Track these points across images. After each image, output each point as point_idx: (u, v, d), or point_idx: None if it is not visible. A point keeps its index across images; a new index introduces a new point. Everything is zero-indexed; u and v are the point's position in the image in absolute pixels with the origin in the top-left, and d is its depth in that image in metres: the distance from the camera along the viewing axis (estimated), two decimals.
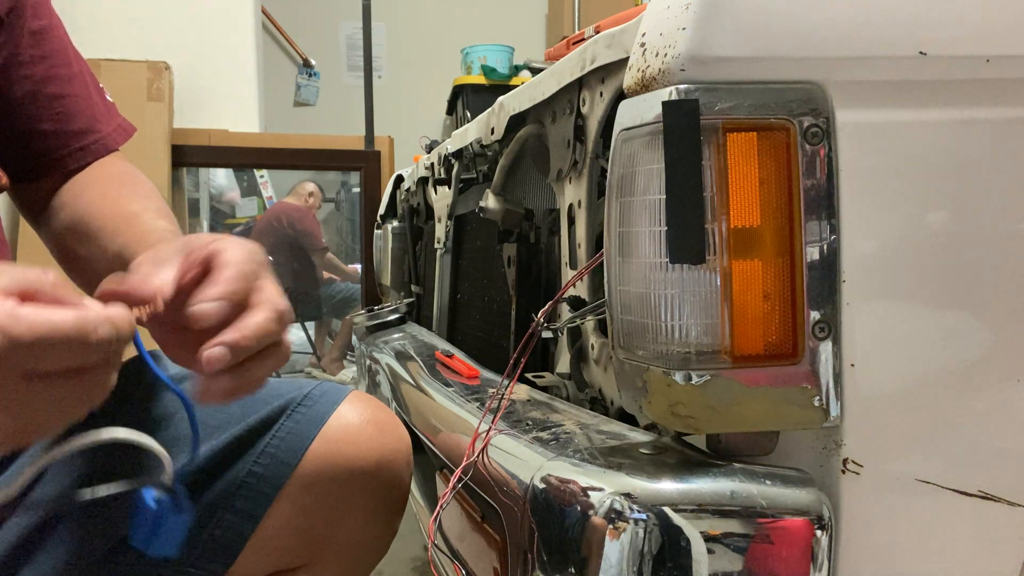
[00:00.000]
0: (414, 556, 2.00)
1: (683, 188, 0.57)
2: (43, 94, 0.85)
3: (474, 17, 4.89)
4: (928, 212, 0.61)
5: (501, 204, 1.12)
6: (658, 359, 0.60)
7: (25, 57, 0.84)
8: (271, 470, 0.78)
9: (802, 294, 0.59)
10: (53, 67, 0.86)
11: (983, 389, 0.63)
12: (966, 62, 0.61)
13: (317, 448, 0.78)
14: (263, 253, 0.62)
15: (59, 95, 0.86)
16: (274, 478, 0.78)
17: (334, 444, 0.79)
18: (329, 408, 0.81)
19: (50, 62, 0.86)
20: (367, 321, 1.81)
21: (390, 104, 4.44)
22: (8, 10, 0.83)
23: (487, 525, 0.79)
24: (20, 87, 0.84)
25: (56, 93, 0.86)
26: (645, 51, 0.61)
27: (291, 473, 0.78)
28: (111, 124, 0.91)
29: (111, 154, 0.91)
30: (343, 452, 0.79)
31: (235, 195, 5.31)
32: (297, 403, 0.81)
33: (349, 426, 0.80)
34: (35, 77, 0.84)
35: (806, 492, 0.59)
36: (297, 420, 0.80)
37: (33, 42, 0.85)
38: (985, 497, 0.63)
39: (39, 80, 0.85)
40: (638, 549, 0.57)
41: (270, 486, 0.78)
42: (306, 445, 0.78)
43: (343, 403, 0.82)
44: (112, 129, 0.91)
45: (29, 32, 0.84)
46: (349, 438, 0.80)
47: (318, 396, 0.82)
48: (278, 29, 4.76)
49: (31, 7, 0.85)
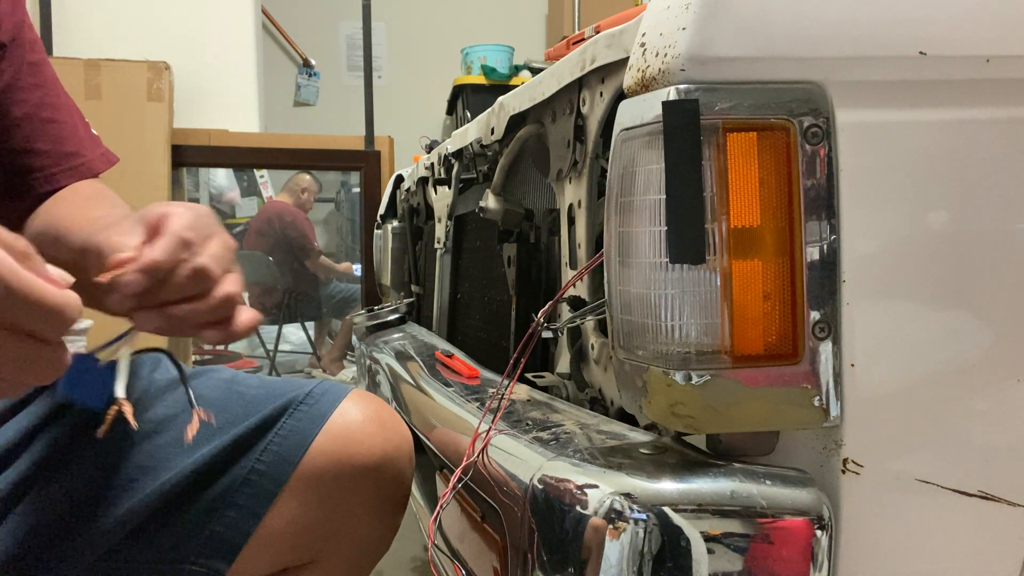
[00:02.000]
0: (414, 556, 2.00)
1: (683, 188, 0.56)
2: (39, 117, 0.90)
3: (474, 17, 4.89)
4: (928, 212, 0.61)
5: (501, 204, 1.12)
6: (658, 359, 0.60)
7: (24, 83, 0.89)
8: (273, 467, 0.79)
9: (802, 294, 0.59)
10: (47, 95, 0.92)
11: (983, 389, 0.63)
12: (966, 62, 0.61)
13: (320, 445, 0.79)
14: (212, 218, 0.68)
15: (52, 119, 0.92)
16: (276, 475, 0.79)
17: (337, 441, 0.80)
18: (331, 406, 0.82)
19: (44, 91, 0.92)
20: (367, 321, 1.81)
21: (390, 104, 4.43)
22: (11, 38, 0.88)
23: (487, 525, 0.79)
24: (19, 108, 0.89)
25: (49, 117, 0.91)
26: (645, 51, 0.61)
27: (293, 470, 0.79)
28: (96, 152, 0.97)
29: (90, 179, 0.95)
30: (346, 449, 0.80)
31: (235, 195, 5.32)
32: (299, 402, 0.82)
33: (352, 423, 0.81)
34: (32, 101, 0.90)
35: (806, 492, 0.59)
36: (299, 418, 0.81)
37: (30, 72, 0.90)
38: (985, 497, 0.63)
39: (35, 104, 0.90)
40: (638, 549, 0.57)
41: (273, 483, 0.79)
42: (308, 442, 0.79)
43: (345, 401, 0.83)
44: (97, 156, 0.96)
45: (27, 63, 0.90)
46: (352, 435, 0.81)
47: (320, 394, 0.83)
48: (278, 29, 4.76)
49: (29, 42, 0.91)
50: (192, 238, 0.63)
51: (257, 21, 3.61)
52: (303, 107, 4.88)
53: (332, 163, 3.56)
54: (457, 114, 4.25)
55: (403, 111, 4.59)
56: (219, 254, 0.65)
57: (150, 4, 3.29)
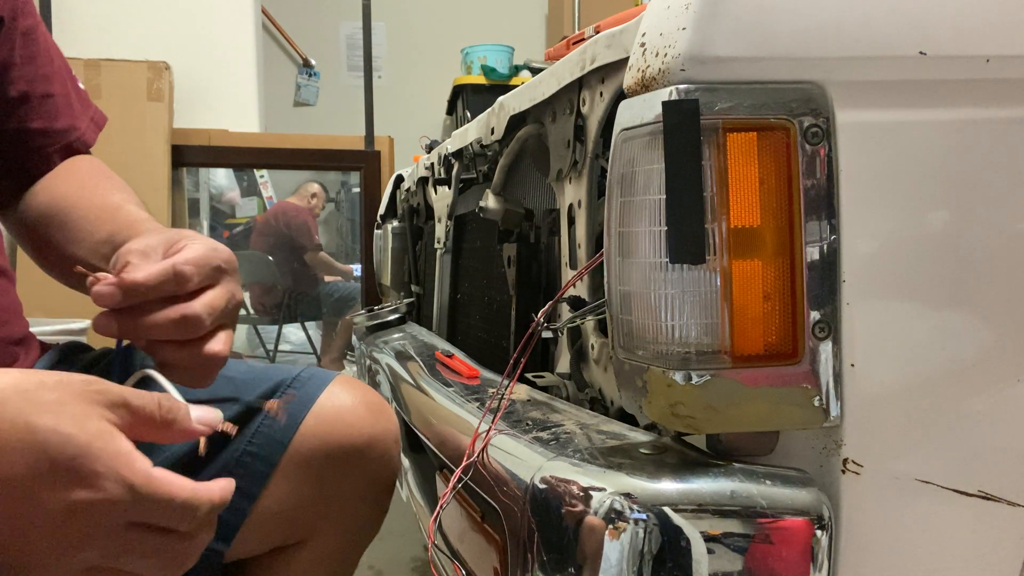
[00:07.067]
0: (414, 556, 2.00)
1: (683, 188, 0.56)
2: (34, 95, 0.88)
3: (474, 17, 4.89)
4: (928, 212, 0.61)
5: (501, 204, 1.12)
6: (658, 359, 0.60)
7: (17, 59, 0.86)
8: (265, 449, 0.81)
9: (802, 294, 0.59)
10: (40, 67, 0.89)
11: (983, 389, 0.63)
12: (966, 62, 0.61)
13: (311, 427, 0.81)
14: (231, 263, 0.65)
15: (47, 94, 0.89)
16: (268, 456, 0.81)
17: (328, 424, 0.82)
18: (317, 389, 0.84)
19: (37, 62, 0.88)
20: (367, 321, 1.81)
21: (390, 104, 4.43)
22: (10, 10, 0.85)
23: (487, 525, 0.79)
24: (14, 88, 0.86)
25: (44, 92, 0.89)
26: (645, 51, 0.61)
27: (284, 451, 0.81)
28: (86, 118, 0.94)
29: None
30: (337, 431, 0.82)
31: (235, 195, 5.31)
32: (287, 385, 0.84)
33: (342, 407, 0.83)
34: (27, 77, 0.87)
35: (806, 492, 0.59)
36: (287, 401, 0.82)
37: (23, 43, 0.87)
38: (985, 497, 0.63)
39: (30, 80, 0.87)
40: (638, 549, 0.57)
41: (265, 464, 0.81)
42: (298, 424, 0.81)
43: (334, 384, 0.85)
44: (88, 124, 0.94)
45: (20, 33, 0.87)
46: (342, 418, 0.82)
47: (307, 378, 0.85)
48: (278, 29, 4.75)
49: (20, 7, 0.87)
50: (189, 273, 0.61)
51: (257, 21, 3.61)
52: (303, 107, 4.88)
53: (332, 163, 3.56)
54: (457, 114, 4.25)
55: (403, 111, 4.59)
56: (217, 305, 0.62)
57: (150, 4, 3.29)
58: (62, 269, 0.83)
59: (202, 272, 0.62)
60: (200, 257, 0.62)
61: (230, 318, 0.65)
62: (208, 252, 0.63)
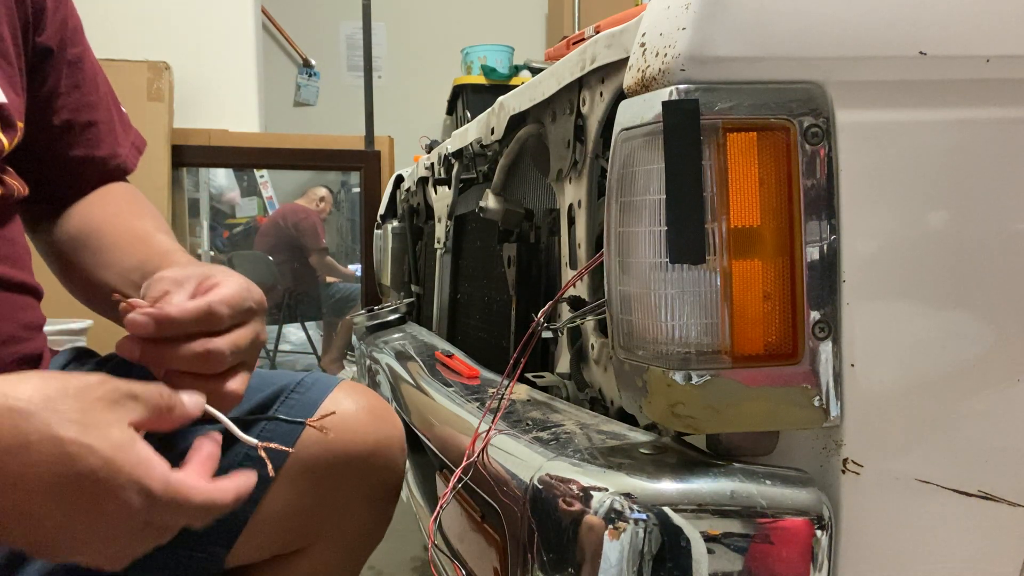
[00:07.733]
0: (414, 556, 2.00)
1: (683, 188, 0.56)
2: (78, 123, 0.89)
3: (474, 17, 4.89)
4: (928, 212, 0.61)
5: (501, 204, 1.12)
6: (658, 359, 0.60)
7: (63, 87, 0.88)
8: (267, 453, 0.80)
9: (802, 294, 0.59)
10: (85, 95, 0.90)
11: (983, 389, 0.63)
12: (966, 62, 0.61)
13: (314, 433, 0.81)
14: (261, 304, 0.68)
15: (90, 122, 0.91)
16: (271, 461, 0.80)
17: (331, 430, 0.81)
18: (322, 394, 0.83)
19: (83, 90, 0.90)
20: (367, 321, 1.81)
21: (390, 104, 4.43)
22: (59, 40, 0.86)
23: (487, 525, 0.79)
24: (58, 117, 0.88)
25: (88, 121, 0.90)
26: (645, 51, 0.61)
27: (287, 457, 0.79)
28: (127, 144, 0.96)
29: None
30: (340, 437, 0.81)
31: (235, 195, 5.32)
32: (291, 390, 0.84)
33: (345, 413, 0.82)
34: (70, 106, 0.89)
35: (806, 492, 0.59)
36: (291, 406, 0.82)
37: (70, 71, 0.88)
38: (985, 497, 0.63)
39: (73, 109, 0.89)
40: (638, 549, 0.57)
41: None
42: (301, 429, 0.80)
43: (338, 390, 0.84)
44: (129, 150, 0.96)
45: (67, 62, 0.88)
46: (346, 424, 0.82)
47: (311, 383, 0.85)
48: (278, 29, 4.75)
49: (70, 36, 0.89)
50: (223, 314, 0.63)
51: (257, 21, 3.61)
52: (303, 107, 4.88)
53: (332, 163, 3.56)
54: (457, 114, 4.25)
55: (403, 111, 4.59)
56: (242, 344, 0.65)
57: (150, 4, 3.29)
58: (88, 292, 0.85)
59: (235, 313, 0.64)
60: (234, 296, 0.65)
61: (251, 357, 0.67)
62: (242, 292, 0.66)
